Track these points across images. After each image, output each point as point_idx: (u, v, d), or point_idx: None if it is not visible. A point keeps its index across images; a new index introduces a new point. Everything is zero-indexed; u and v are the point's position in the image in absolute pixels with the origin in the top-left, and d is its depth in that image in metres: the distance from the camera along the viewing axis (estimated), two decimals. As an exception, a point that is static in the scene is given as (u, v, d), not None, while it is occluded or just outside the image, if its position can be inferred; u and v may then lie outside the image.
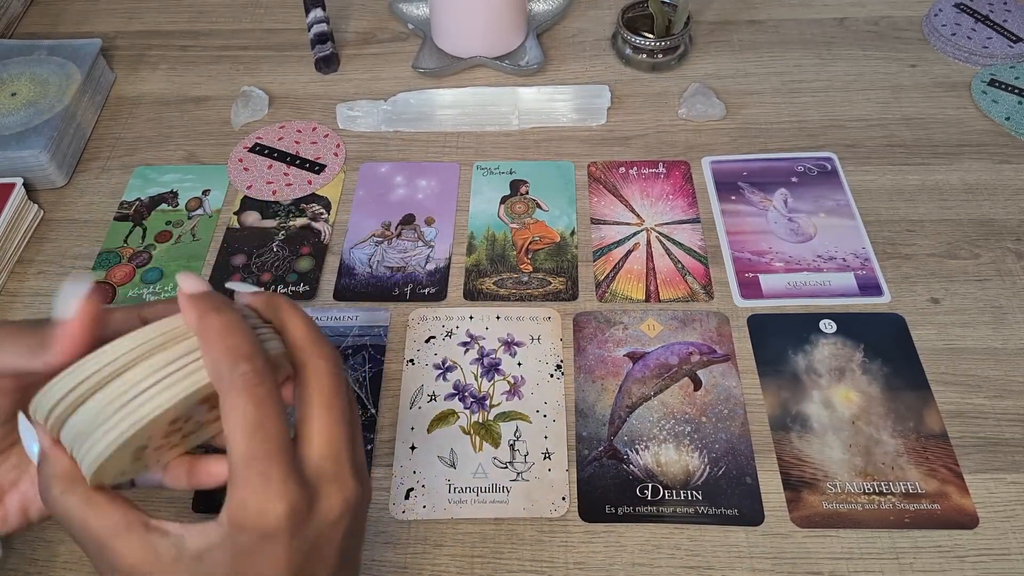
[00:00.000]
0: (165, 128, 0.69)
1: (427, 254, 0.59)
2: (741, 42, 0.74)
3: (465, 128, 0.67)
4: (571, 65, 0.73)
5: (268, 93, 0.70)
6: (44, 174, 0.63)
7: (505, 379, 0.51)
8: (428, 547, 0.45)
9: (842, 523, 0.45)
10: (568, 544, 0.45)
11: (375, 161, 0.65)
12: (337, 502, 0.29)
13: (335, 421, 0.30)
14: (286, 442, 0.28)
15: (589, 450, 0.48)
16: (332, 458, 0.29)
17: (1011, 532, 0.44)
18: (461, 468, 0.48)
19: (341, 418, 0.30)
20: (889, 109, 0.67)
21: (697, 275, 0.56)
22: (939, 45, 0.72)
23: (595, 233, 0.59)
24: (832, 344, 0.52)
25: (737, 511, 0.45)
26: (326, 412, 0.30)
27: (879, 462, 0.47)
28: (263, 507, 0.27)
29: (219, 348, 0.28)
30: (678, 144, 0.65)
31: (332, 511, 0.29)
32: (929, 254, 0.57)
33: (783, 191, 0.61)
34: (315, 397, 0.30)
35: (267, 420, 0.27)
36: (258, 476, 0.27)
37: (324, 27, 0.72)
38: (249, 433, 0.27)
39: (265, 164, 0.65)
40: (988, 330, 0.53)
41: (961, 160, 0.63)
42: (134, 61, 0.75)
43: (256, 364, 0.28)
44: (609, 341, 0.53)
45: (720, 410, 0.49)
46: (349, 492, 0.29)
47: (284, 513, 0.27)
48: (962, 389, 0.50)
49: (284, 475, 0.27)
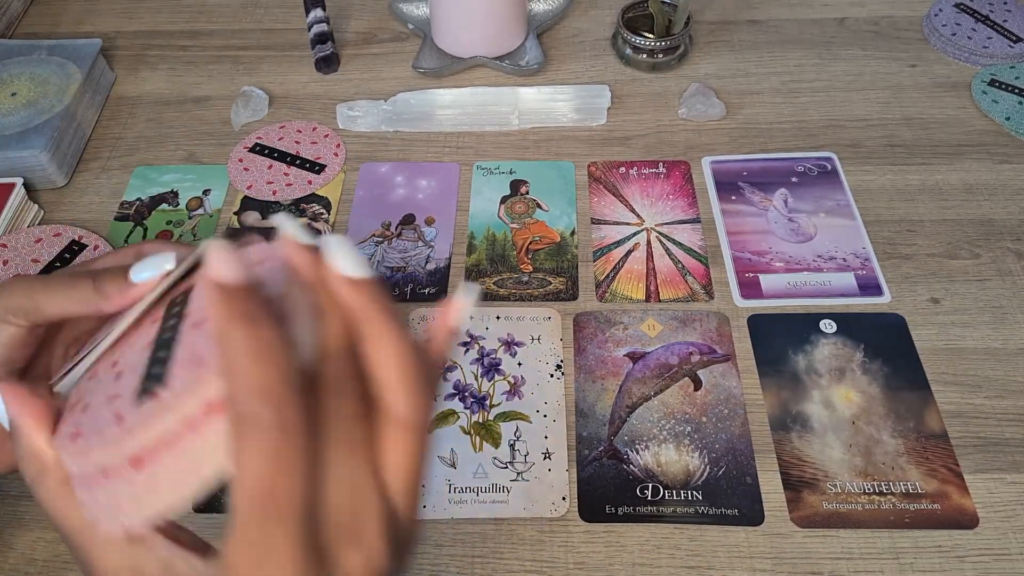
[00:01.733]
0: (165, 128, 0.69)
1: (427, 254, 0.59)
2: (741, 42, 0.74)
3: (465, 128, 0.67)
4: (571, 65, 0.73)
5: (268, 93, 0.70)
6: (44, 174, 0.63)
7: (505, 379, 0.51)
8: (428, 547, 0.45)
9: (842, 523, 0.45)
10: (568, 544, 0.45)
11: (375, 161, 0.65)
12: (357, 573, 0.23)
13: (355, 462, 0.23)
14: (303, 505, 0.22)
15: (589, 450, 0.48)
16: (354, 511, 0.23)
17: (1011, 532, 0.44)
18: (461, 468, 0.48)
19: (364, 458, 0.23)
20: (889, 109, 0.67)
21: (697, 275, 0.56)
22: (939, 45, 0.72)
23: (595, 233, 0.59)
24: (832, 344, 0.52)
25: (737, 511, 0.45)
26: (350, 446, 0.23)
27: (879, 462, 0.47)
28: (260, 571, 0.22)
29: (238, 379, 0.21)
30: (678, 144, 0.65)
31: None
32: (929, 254, 0.57)
33: (783, 191, 0.61)
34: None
35: (280, 478, 0.21)
36: (258, 535, 0.21)
37: (324, 27, 0.72)
38: (250, 486, 0.21)
39: (265, 164, 0.65)
40: (988, 330, 0.53)
41: (961, 160, 0.63)
42: (134, 61, 0.75)
43: (284, 415, 0.21)
44: (609, 341, 0.53)
45: (720, 410, 0.49)
46: (375, 562, 0.23)
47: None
48: (962, 389, 0.50)
49: (291, 543, 0.22)
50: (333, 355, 0.23)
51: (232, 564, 0.22)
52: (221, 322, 0.22)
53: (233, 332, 0.22)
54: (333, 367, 0.23)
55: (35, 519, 0.47)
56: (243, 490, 0.21)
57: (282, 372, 0.21)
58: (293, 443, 0.21)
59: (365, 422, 0.23)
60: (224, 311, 0.22)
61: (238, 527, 0.22)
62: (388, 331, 0.23)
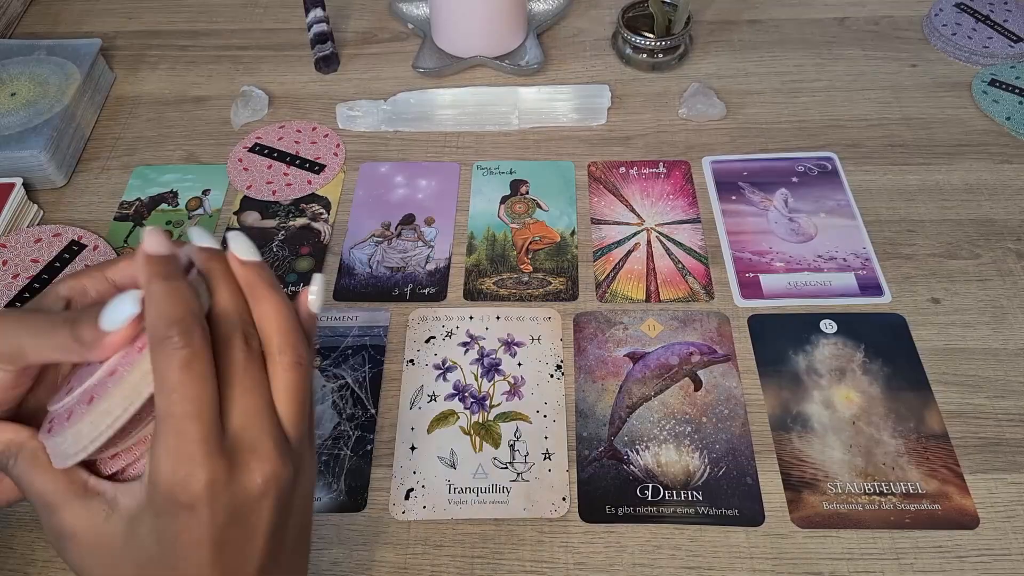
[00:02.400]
0: (165, 128, 0.69)
1: (427, 254, 0.59)
2: (741, 42, 0.74)
3: (465, 128, 0.67)
4: (571, 65, 0.73)
5: (268, 93, 0.70)
6: (44, 174, 0.62)
7: (505, 379, 0.51)
8: (428, 547, 0.45)
9: (842, 523, 0.45)
10: (568, 544, 0.45)
11: (375, 161, 0.65)
12: (258, 476, 0.28)
13: (248, 390, 0.29)
14: (209, 408, 0.28)
15: (589, 450, 0.48)
16: (251, 429, 0.29)
17: (1011, 532, 0.44)
18: (461, 468, 0.48)
19: (256, 389, 0.29)
20: (889, 109, 0.67)
21: (697, 275, 0.56)
22: (939, 45, 0.72)
23: (595, 233, 0.59)
24: (833, 344, 0.52)
25: (737, 511, 0.45)
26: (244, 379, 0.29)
27: (880, 462, 0.47)
28: (178, 468, 0.27)
29: (155, 313, 0.28)
30: (678, 144, 0.65)
31: (252, 484, 0.28)
32: (929, 254, 0.57)
33: (783, 191, 0.61)
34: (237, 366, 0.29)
35: (189, 383, 0.27)
36: (175, 436, 0.27)
37: (324, 27, 0.72)
38: (168, 392, 0.27)
39: (265, 164, 0.65)
40: (988, 330, 0.53)
41: (961, 160, 0.63)
42: (134, 61, 0.75)
43: (188, 331, 0.27)
44: (609, 341, 0.53)
45: (720, 410, 0.49)
46: (271, 467, 0.29)
47: (201, 478, 0.27)
48: (963, 389, 0.50)
49: (201, 438, 0.27)
50: (223, 315, 0.30)
51: (155, 469, 0.27)
52: (147, 276, 0.29)
53: (154, 282, 0.29)
54: (225, 324, 0.30)
55: (34, 520, 0.47)
56: (162, 395, 0.27)
57: (188, 307, 0.28)
58: (200, 357, 0.28)
59: (258, 366, 0.30)
60: (149, 270, 0.29)
61: (159, 430, 0.27)
62: (270, 295, 0.31)
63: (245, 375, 0.29)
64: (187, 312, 0.28)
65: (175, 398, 0.27)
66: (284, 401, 0.30)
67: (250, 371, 0.29)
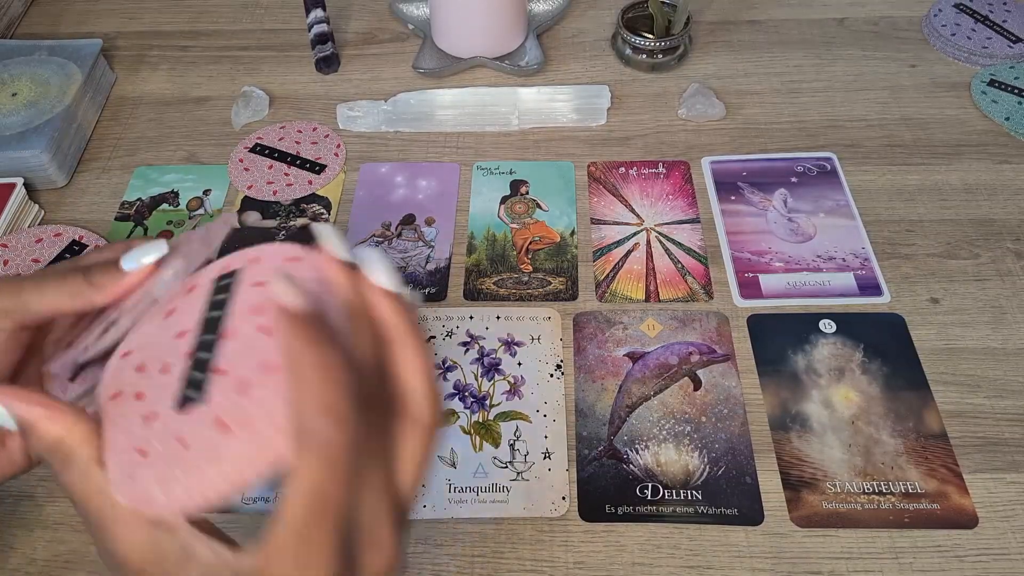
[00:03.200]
0: (166, 128, 0.69)
1: (427, 254, 0.59)
2: (741, 42, 0.74)
3: (465, 128, 0.67)
4: (571, 65, 0.73)
5: (269, 93, 0.70)
6: (45, 174, 0.63)
7: (505, 379, 0.51)
8: (428, 547, 0.45)
9: (842, 523, 0.45)
10: (568, 544, 0.45)
11: (375, 161, 0.65)
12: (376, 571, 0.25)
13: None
14: (342, 518, 0.24)
15: (589, 450, 0.48)
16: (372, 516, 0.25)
17: (1010, 532, 0.44)
18: (461, 468, 0.48)
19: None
20: (889, 109, 0.67)
21: (697, 275, 0.57)
22: (939, 45, 0.72)
23: (595, 233, 0.59)
24: (832, 344, 0.52)
25: (737, 511, 0.46)
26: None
27: (879, 462, 0.47)
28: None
29: (309, 394, 0.23)
30: (678, 144, 0.65)
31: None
32: (929, 254, 0.57)
33: (783, 191, 0.61)
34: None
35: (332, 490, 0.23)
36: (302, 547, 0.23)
37: (324, 27, 0.72)
38: (308, 499, 0.23)
39: (266, 164, 0.65)
40: (988, 330, 0.53)
41: (961, 160, 0.63)
42: (135, 61, 0.75)
43: (347, 432, 0.23)
44: (609, 341, 0.53)
45: (720, 410, 0.49)
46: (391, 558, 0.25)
47: None
48: (962, 389, 0.50)
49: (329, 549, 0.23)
50: (367, 371, 0.25)
51: (273, 562, 0.23)
52: (292, 343, 0.23)
53: (304, 352, 0.23)
54: (367, 384, 0.24)
55: (36, 519, 0.47)
56: (299, 494, 0.23)
57: (346, 392, 0.23)
58: (350, 457, 0.23)
59: (387, 430, 0.25)
60: (294, 334, 0.23)
61: (288, 526, 0.23)
62: (418, 342, 0.26)
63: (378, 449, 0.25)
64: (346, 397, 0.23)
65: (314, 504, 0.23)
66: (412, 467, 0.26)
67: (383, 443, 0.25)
